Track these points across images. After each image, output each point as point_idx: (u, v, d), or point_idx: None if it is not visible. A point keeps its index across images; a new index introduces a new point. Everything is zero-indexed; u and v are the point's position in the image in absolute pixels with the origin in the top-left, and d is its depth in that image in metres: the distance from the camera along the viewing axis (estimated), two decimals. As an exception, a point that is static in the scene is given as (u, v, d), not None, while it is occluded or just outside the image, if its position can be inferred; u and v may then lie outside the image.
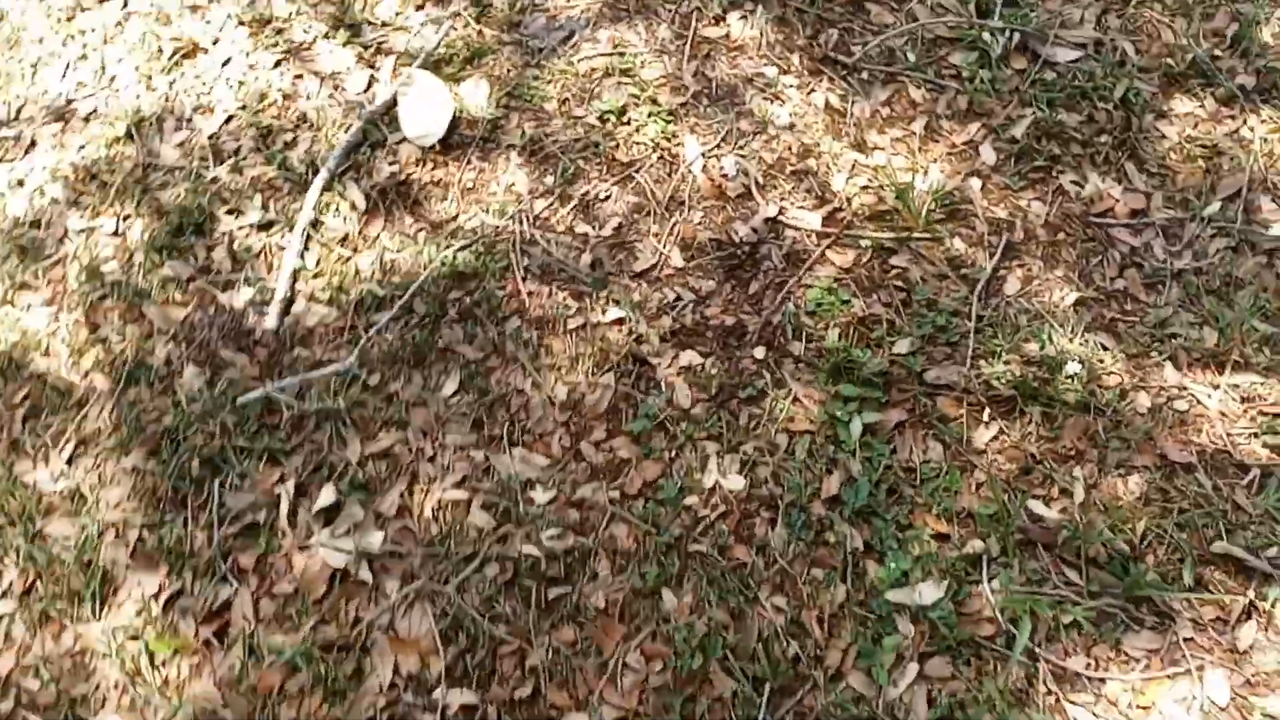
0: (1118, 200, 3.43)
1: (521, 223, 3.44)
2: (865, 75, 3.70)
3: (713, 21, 3.79)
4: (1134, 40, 3.70)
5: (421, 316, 3.26)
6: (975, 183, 3.48)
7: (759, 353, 3.23)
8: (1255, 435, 3.04)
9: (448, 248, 3.37)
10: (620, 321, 3.27)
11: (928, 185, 3.44)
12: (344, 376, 3.16)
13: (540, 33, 3.80)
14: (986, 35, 3.68)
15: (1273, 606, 2.77)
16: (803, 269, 3.34)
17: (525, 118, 3.62)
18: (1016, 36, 3.68)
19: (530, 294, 3.33)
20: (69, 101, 3.61)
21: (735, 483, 3.02)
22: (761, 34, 3.75)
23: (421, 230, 3.43)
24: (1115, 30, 3.73)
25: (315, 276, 3.34)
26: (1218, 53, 3.66)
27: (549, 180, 3.51)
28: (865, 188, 3.48)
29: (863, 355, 3.16)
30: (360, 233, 3.42)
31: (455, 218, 3.46)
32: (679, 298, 3.32)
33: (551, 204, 3.48)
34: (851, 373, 3.16)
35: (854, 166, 3.51)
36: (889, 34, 3.73)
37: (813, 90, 3.66)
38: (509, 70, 3.70)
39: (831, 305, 3.27)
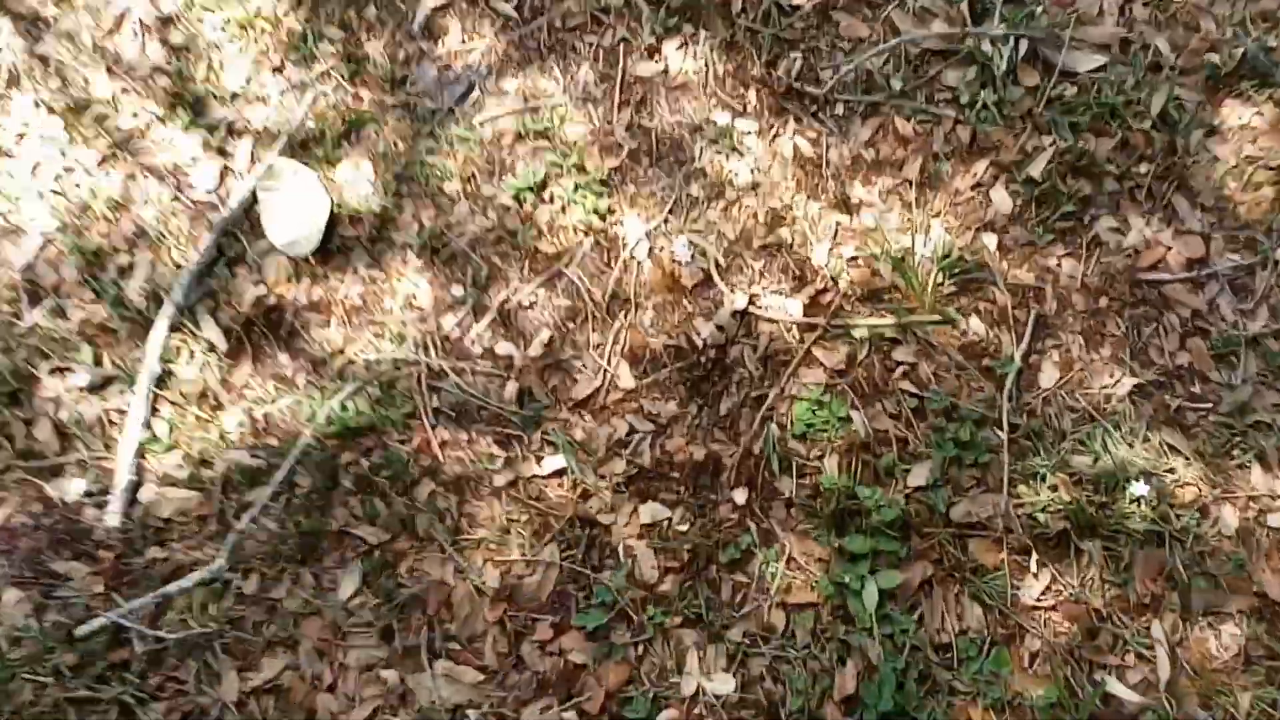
0: (1169, 248, 2.72)
1: (427, 350, 2.70)
2: (840, 109, 2.95)
3: (645, 55, 3.01)
4: (1168, 35, 2.94)
5: (307, 492, 2.55)
6: (990, 240, 2.75)
7: (739, 496, 2.53)
8: (1379, 558, 2.35)
9: (335, 394, 2.63)
10: (560, 473, 2.56)
11: (931, 249, 2.71)
12: (212, 585, 2.44)
13: (432, 89, 3.02)
14: (986, 45, 2.92)
15: None
16: (785, 375, 2.62)
17: (422, 206, 2.86)
18: (1024, 44, 2.92)
19: (444, 445, 2.61)
20: None
21: (723, 685, 2.34)
22: (707, 66, 2.98)
23: (301, 372, 2.69)
24: (1143, 23, 2.97)
25: (168, 450, 2.60)
26: (1271, 42, 2.91)
27: (457, 289, 2.77)
28: (854, 259, 2.75)
29: (870, 494, 2.46)
30: (223, 383, 2.68)
31: (342, 351, 2.72)
32: (632, 430, 2.61)
33: (463, 319, 2.75)
34: (858, 519, 2.46)
35: (838, 232, 2.77)
36: (865, 53, 2.96)
37: (777, 134, 2.91)
38: (396, 144, 2.93)
39: (825, 424, 2.55)
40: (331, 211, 2.84)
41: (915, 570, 2.42)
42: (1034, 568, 2.41)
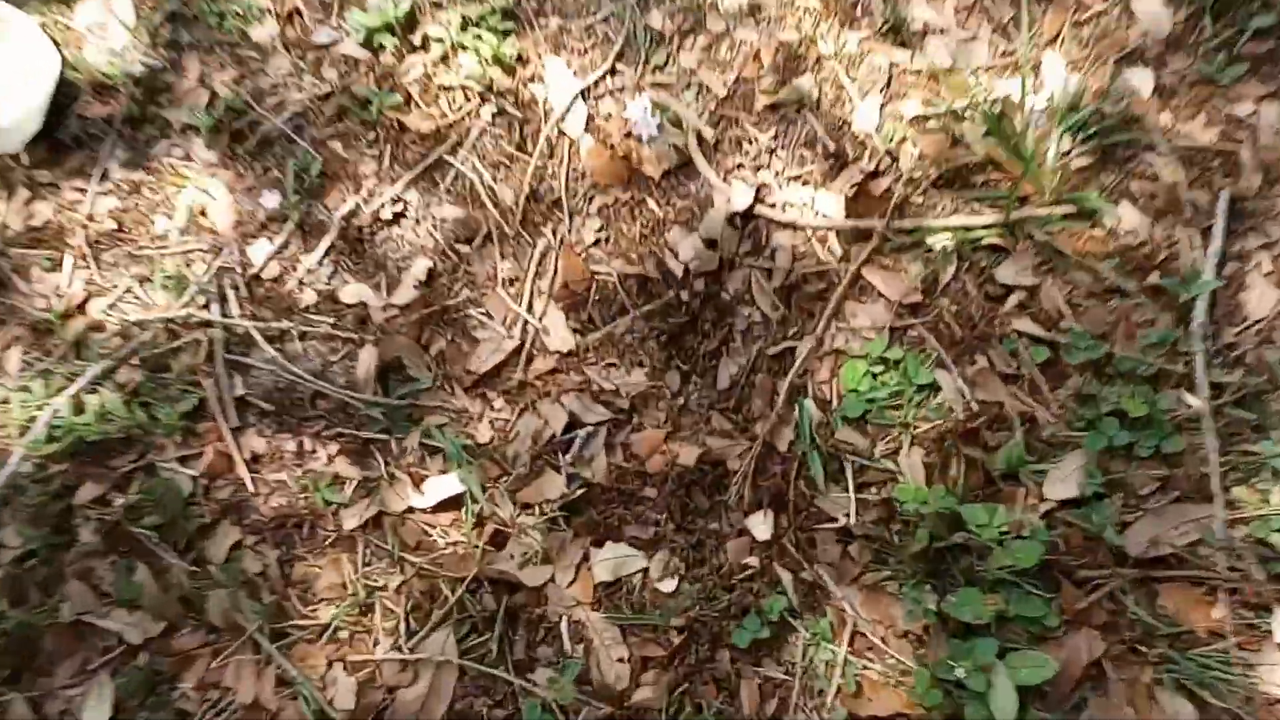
0: None
1: (224, 301, 1.56)
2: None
3: None
4: None
5: (19, 556, 1.42)
6: (1140, 78, 1.67)
7: (759, 526, 1.46)
8: None
9: (67, 384, 1.49)
10: (454, 502, 1.45)
11: (1047, 99, 1.60)
12: None
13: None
14: None
15: None
16: (822, 318, 1.53)
17: (214, 65, 1.72)
18: None
19: (255, 463, 1.49)
20: None
21: None
22: None
23: (12, 347, 1.54)
24: None
25: None
26: None
27: (273, 197, 1.63)
28: (921, 121, 1.65)
29: (985, 517, 1.39)
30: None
31: (82, 308, 1.58)
32: (575, 422, 1.50)
33: (284, 245, 1.60)
34: (967, 561, 1.40)
35: (892, 78, 1.67)
36: None
37: (784, -75, 1.79)
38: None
39: (895, 396, 1.49)
40: (61, 78, 1.67)
41: (1075, 647, 1.39)
42: (1277, 631, 1.35)
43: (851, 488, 1.53)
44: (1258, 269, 1.60)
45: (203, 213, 1.73)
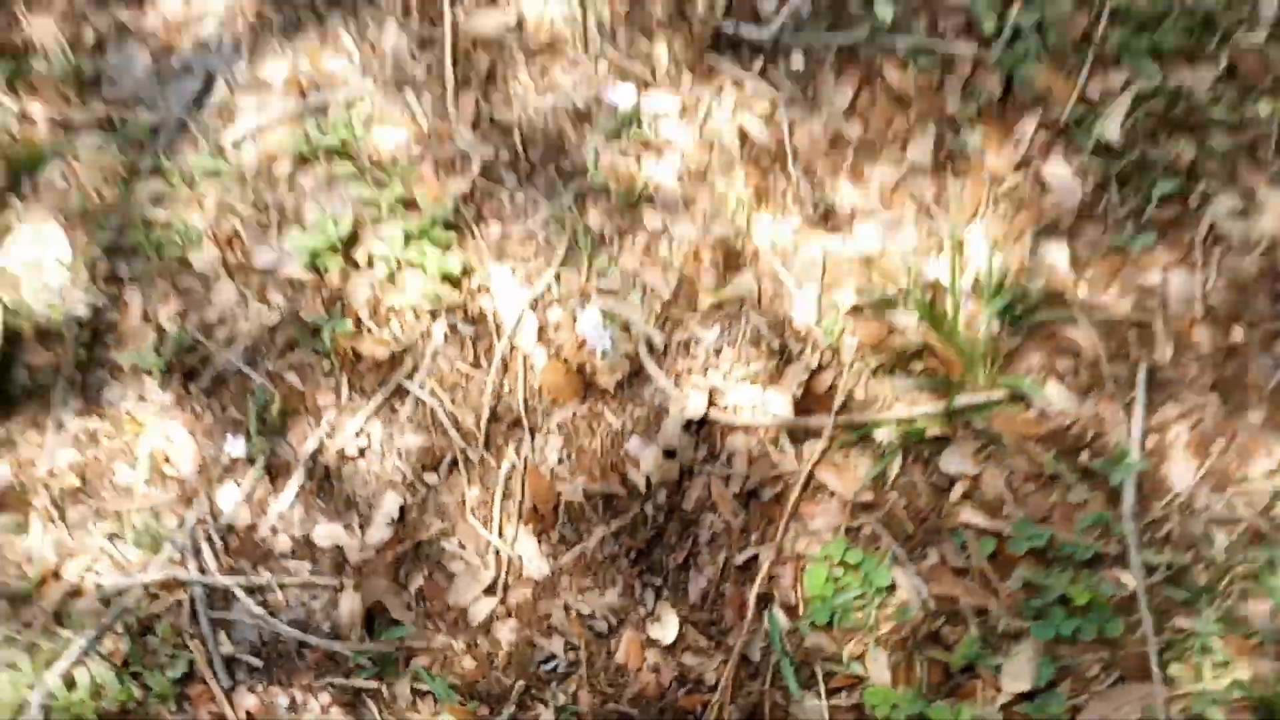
0: (1320, 230, 1.76)
1: (198, 552, 1.59)
2: (799, 60, 1.87)
3: (485, -2, 1.86)
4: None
5: None
6: (1057, 252, 1.77)
7: (741, 740, 1.54)
8: None
9: (54, 659, 1.52)
10: (449, 746, 1.52)
11: (972, 277, 1.70)
12: None
13: (146, 88, 1.81)
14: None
15: None
16: (781, 521, 1.61)
17: (156, 296, 1.71)
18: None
19: (249, 724, 1.53)
20: None
21: None
22: (583, 7, 1.84)
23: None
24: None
25: None
26: None
27: (238, 442, 1.64)
28: (857, 311, 1.72)
29: (948, 715, 1.50)
30: None
31: (57, 574, 1.58)
32: (553, 651, 1.57)
33: (253, 490, 1.63)
34: (939, 763, 1.50)
35: (826, 268, 1.73)
36: (826, -37, 1.87)
37: (709, 113, 1.83)
38: (99, 192, 1.74)
39: (859, 599, 1.59)
40: (4, 326, 1.66)
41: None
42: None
43: (824, 694, 1.63)
44: (1177, 440, 1.73)
45: (166, 459, 1.74)
